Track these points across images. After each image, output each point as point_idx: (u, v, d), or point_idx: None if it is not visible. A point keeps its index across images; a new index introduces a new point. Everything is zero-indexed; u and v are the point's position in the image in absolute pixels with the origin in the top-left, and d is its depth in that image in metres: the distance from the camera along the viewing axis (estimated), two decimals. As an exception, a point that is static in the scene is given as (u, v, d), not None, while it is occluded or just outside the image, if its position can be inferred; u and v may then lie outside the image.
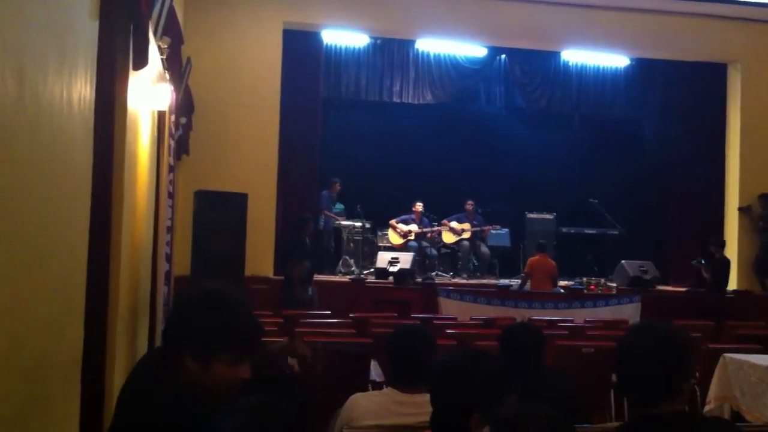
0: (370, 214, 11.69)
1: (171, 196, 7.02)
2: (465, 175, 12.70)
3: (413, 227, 11.63)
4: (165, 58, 5.82)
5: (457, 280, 11.26)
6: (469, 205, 11.88)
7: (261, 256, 10.06)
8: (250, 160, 10.36)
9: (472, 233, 11.78)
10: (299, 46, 11.20)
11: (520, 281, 10.55)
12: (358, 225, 11.56)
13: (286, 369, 2.89)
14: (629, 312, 9.08)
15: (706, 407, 5.61)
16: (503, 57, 12.52)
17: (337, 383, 4.13)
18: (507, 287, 10.29)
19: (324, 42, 11.59)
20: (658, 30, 11.41)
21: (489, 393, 2.17)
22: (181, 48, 7.37)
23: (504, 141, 13.27)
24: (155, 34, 5.17)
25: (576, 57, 12.42)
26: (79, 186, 2.94)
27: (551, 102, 12.61)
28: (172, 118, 6.77)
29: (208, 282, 2.12)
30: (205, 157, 9.94)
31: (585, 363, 5.37)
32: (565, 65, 12.54)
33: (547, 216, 12.47)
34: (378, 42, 11.99)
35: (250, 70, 10.52)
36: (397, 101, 12.15)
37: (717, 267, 10.46)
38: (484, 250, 11.89)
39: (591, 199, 12.09)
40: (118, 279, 3.76)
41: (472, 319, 7.69)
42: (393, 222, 11.69)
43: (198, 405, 1.87)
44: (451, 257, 12.05)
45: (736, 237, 11.55)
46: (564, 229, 12.40)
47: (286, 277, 8.46)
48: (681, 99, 12.42)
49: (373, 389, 4.62)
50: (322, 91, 11.63)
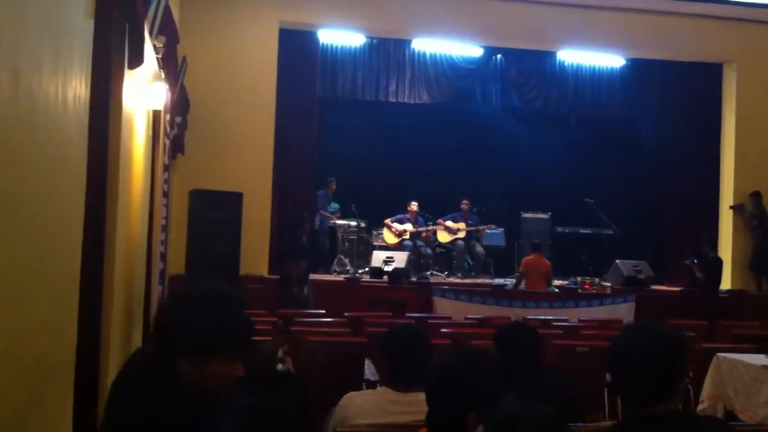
0: (365, 214, 11.68)
1: (166, 195, 7.01)
2: (460, 174, 12.69)
3: (408, 226, 11.63)
4: (160, 57, 5.81)
5: (451, 280, 11.25)
6: (464, 204, 11.88)
7: (256, 256, 10.04)
8: (246, 160, 10.35)
9: (467, 233, 11.78)
10: (295, 46, 11.20)
11: (514, 281, 10.54)
12: (353, 224, 11.56)
13: (277, 367, 2.90)
14: (623, 311, 9.08)
15: (700, 406, 5.64)
16: (499, 57, 12.54)
17: (331, 382, 4.14)
18: (502, 287, 10.30)
19: (320, 41, 11.60)
20: (653, 30, 11.43)
21: (485, 392, 2.18)
22: (177, 47, 7.34)
23: (500, 141, 13.27)
24: (151, 34, 5.16)
25: (572, 57, 12.44)
26: (75, 185, 2.93)
27: (547, 102, 12.63)
28: (168, 117, 6.76)
29: (205, 281, 2.12)
30: (200, 156, 9.91)
31: (579, 362, 5.39)
32: (561, 65, 12.56)
33: (542, 216, 12.48)
34: (374, 42, 11.99)
35: (246, 69, 10.50)
36: (393, 101, 12.16)
37: (710, 267, 10.51)
38: (479, 249, 11.88)
39: (586, 199, 12.10)
40: (112, 278, 3.75)
41: (466, 318, 7.71)
42: (388, 221, 11.69)
43: (198, 404, 1.88)
44: (445, 257, 12.05)
45: (730, 236, 11.60)
46: (559, 229, 12.41)
47: (283, 277, 8.45)
48: (677, 99, 12.46)
49: (367, 388, 4.63)
50: (318, 90, 11.62)
